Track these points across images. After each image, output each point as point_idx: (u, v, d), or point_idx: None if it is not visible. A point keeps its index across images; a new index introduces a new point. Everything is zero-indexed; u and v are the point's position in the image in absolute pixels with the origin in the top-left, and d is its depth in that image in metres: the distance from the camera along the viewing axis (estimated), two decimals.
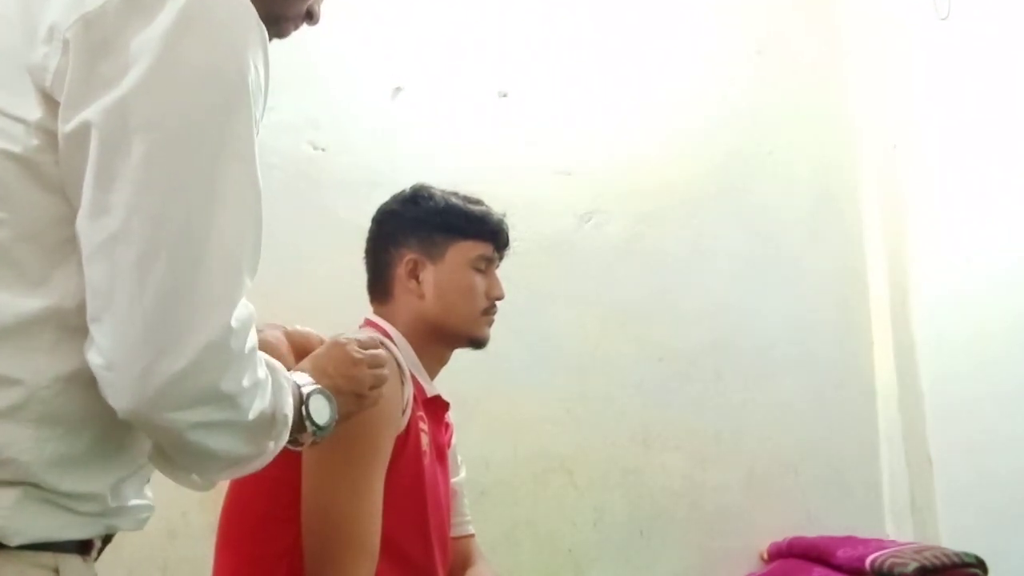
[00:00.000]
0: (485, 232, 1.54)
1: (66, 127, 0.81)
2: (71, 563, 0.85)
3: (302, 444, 1.04)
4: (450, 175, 2.20)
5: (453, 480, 1.60)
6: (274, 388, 0.91)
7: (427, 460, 1.42)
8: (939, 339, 2.57)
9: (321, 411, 1.03)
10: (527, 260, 2.27)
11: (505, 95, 2.40)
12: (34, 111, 0.82)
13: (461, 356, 1.59)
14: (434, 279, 1.50)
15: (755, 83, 2.72)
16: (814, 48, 2.83)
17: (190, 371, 0.79)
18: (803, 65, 2.80)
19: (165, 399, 0.79)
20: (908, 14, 2.70)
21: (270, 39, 0.94)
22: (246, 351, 0.84)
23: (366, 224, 1.62)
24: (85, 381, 0.82)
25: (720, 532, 2.42)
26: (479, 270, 1.53)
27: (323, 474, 1.29)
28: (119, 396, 0.79)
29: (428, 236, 1.52)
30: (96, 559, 0.95)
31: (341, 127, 2.22)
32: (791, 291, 2.64)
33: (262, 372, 0.88)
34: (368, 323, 1.53)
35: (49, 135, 0.82)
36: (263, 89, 0.90)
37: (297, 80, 2.19)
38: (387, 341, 1.41)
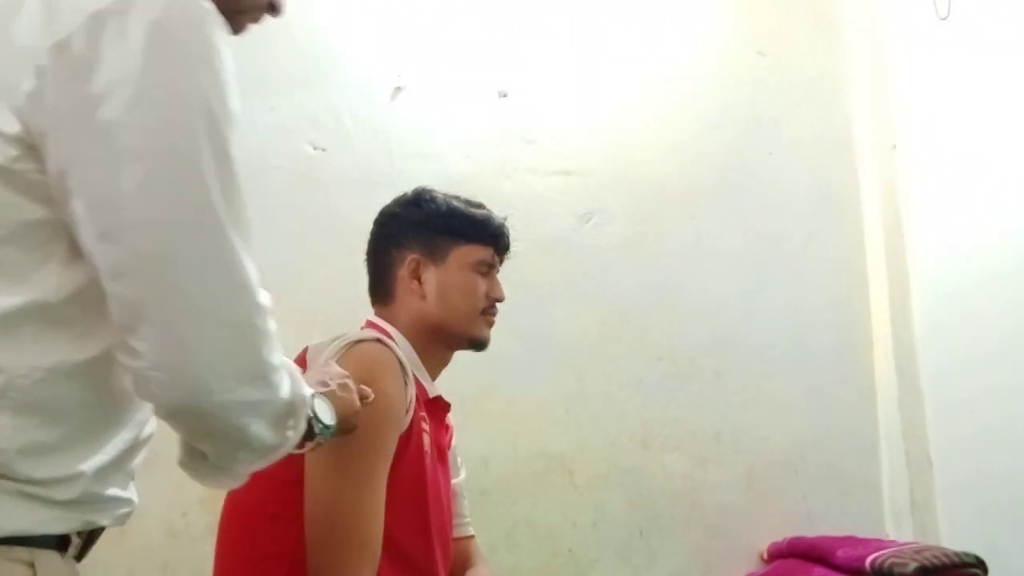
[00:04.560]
0: (487, 236, 1.55)
1: (59, 151, 0.83)
2: (47, 558, 0.87)
3: (304, 447, 1.08)
4: (450, 175, 2.22)
5: (453, 481, 1.60)
6: (292, 374, 0.97)
7: (428, 460, 1.42)
8: (939, 338, 2.57)
9: (325, 411, 1.10)
10: (527, 260, 2.27)
11: (505, 95, 2.40)
12: (11, 125, 0.84)
13: (461, 356, 1.59)
14: (436, 280, 1.50)
15: (755, 83, 2.72)
16: (814, 48, 2.83)
17: (229, 351, 0.86)
18: (803, 65, 2.80)
19: (211, 382, 0.85)
20: (908, 14, 2.70)
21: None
22: (271, 330, 0.90)
23: (366, 224, 1.62)
24: (67, 373, 0.86)
25: (720, 532, 2.42)
26: (481, 273, 1.54)
27: (327, 472, 1.30)
28: (169, 390, 0.85)
29: (430, 238, 1.52)
30: (80, 558, 0.96)
31: (341, 127, 2.22)
32: (791, 291, 2.64)
33: (283, 355, 0.94)
34: (369, 324, 1.53)
35: (28, 147, 0.84)
36: (234, 82, 0.91)
37: (297, 80, 2.19)
38: (389, 341, 1.41)
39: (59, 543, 0.89)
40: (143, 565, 1.88)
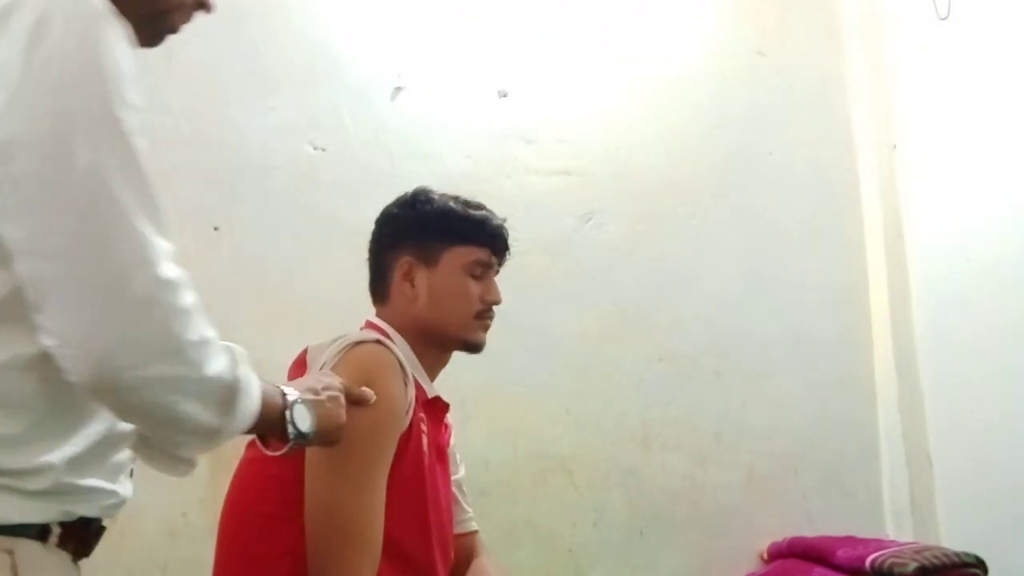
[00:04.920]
0: (481, 237, 1.53)
1: None
2: (27, 547, 0.89)
3: (280, 449, 1.11)
4: (450, 175, 2.22)
5: (454, 477, 1.60)
6: (234, 355, 0.97)
7: (427, 460, 1.43)
8: (939, 339, 2.57)
9: (304, 418, 1.10)
10: (527, 260, 2.27)
11: (505, 95, 2.40)
12: None
13: (461, 356, 1.59)
14: (428, 283, 1.50)
15: (755, 83, 2.72)
16: (814, 48, 2.83)
17: (134, 327, 0.87)
18: (803, 65, 2.80)
19: (120, 359, 0.87)
20: (908, 14, 2.70)
21: (161, 35, 1.06)
22: (182, 305, 0.91)
23: (366, 224, 1.62)
24: (20, 367, 0.90)
25: (720, 532, 2.42)
26: (474, 275, 1.52)
27: (328, 472, 1.30)
28: (81, 368, 0.87)
29: (424, 240, 1.52)
30: (81, 555, 0.97)
31: (341, 127, 2.22)
32: (791, 291, 2.64)
33: (211, 333, 0.94)
34: (369, 325, 1.53)
35: None
36: (133, 73, 0.94)
37: (297, 80, 2.19)
38: (389, 342, 1.42)
39: (40, 533, 0.91)
40: (143, 565, 1.88)
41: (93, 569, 1.08)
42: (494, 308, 1.55)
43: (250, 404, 0.98)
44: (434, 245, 1.51)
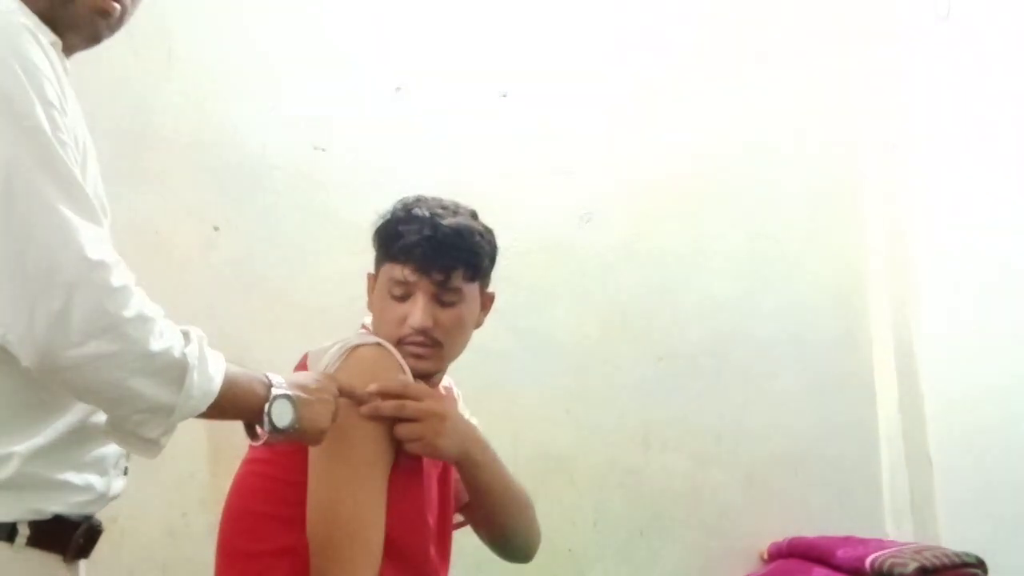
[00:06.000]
0: (397, 253, 1.41)
1: None
2: None
3: (259, 438, 1.13)
4: (450, 175, 2.21)
5: None
6: (188, 335, 0.99)
7: (426, 460, 1.43)
8: (939, 339, 2.57)
9: (283, 414, 1.10)
10: (527, 260, 2.28)
11: (505, 95, 2.39)
12: None
13: (460, 356, 1.59)
14: (372, 300, 1.48)
15: (755, 83, 2.72)
16: (814, 48, 2.83)
17: (67, 308, 0.89)
18: (803, 65, 2.80)
19: (58, 339, 0.89)
20: (908, 14, 2.70)
21: (99, 37, 1.10)
22: (115, 285, 0.93)
23: (366, 224, 1.61)
24: None
25: (720, 532, 2.43)
26: (395, 296, 1.42)
27: (330, 473, 1.30)
28: (25, 353, 0.90)
29: (376, 255, 1.50)
30: (80, 555, 0.97)
31: (341, 127, 2.22)
32: (791, 291, 2.64)
33: (153, 312, 0.96)
34: (366, 328, 1.53)
35: None
36: (52, 77, 0.97)
37: (297, 80, 2.19)
38: (388, 344, 1.41)
39: (7, 533, 0.92)
40: (143, 565, 1.88)
41: (93, 569, 1.08)
42: (431, 333, 1.40)
43: (205, 383, 0.98)
44: (377, 261, 1.49)
